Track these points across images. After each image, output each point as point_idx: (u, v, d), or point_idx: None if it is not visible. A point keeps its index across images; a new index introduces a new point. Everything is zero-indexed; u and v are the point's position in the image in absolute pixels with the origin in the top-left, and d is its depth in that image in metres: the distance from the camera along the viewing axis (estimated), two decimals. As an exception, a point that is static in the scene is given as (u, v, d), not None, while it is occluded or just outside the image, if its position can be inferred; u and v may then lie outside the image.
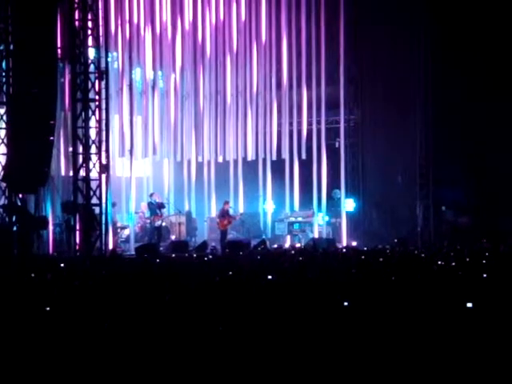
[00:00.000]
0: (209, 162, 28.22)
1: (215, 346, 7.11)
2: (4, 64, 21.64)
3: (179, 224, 26.26)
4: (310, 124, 27.92)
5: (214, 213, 27.62)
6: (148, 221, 25.38)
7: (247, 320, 8.20)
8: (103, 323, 7.93)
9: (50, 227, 21.95)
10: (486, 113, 25.45)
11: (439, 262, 15.69)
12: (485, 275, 12.52)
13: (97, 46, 22.08)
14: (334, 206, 27.53)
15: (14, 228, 21.22)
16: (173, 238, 25.75)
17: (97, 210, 21.90)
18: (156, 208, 25.12)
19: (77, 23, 21.96)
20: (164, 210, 25.54)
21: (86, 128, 21.90)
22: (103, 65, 22.12)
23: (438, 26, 25.77)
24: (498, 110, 25.43)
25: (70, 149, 22.30)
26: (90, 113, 21.91)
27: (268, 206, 28.06)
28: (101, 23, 22.23)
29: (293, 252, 20.57)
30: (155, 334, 7.51)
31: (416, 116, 26.75)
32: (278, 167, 28.01)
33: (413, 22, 26.19)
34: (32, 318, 8.51)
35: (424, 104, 26.67)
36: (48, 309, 8.90)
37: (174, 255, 20.90)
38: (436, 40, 25.91)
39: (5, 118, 21.74)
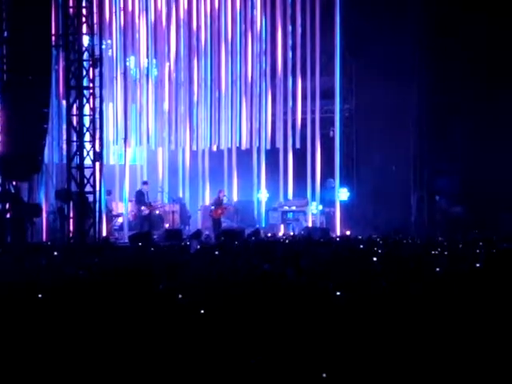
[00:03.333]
0: (203, 151, 28.19)
1: (208, 336, 7.11)
2: (-2, 51, 21.57)
3: (173, 212, 26.24)
4: (304, 113, 27.89)
5: (207, 201, 27.61)
6: (141, 209, 25.33)
7: (241, 310, 8.20)
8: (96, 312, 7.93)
9: (44, 215, 21.93)
10: (480, 103, 25.45)
11: (433, 252, 15.72)
12: (478, 265, 12.55)
13: (91, 34, 22.00)
14: (327, 195, 27.54)
15: (8, 215, 21.20)
16: (166, 226, 25.73)
17: (90, 197, 21.89)
18: (141, 197, 25.11)
19: (71, 10, 21.88)
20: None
21: (80, 116, 21.85)
22: (97, 52, 22.04)
23: (434, 17, 25.75)
24: (493, 101, 25.44)
25: (64, 136, 22.26)
26: (84, 100, 21.86)
27: (262, 195, 28.06)
28: (95, 10, 22.15)
29: (286, 241, 20.59)
30: (149, 325, 7.51)
31: (410, 106, 26.74)
32: (272, 156, 28.00)
33: (409, 12, 26.16)
34: (25, 305, 8.50)
35: (419, 93, 26.66)
36: (40, 296, 8.89)
37: (167, 243, 20.89)
38: (432, 29, 25.88)
39: (-1, 105, 21.68)
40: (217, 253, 15.72)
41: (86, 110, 21.95)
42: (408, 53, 26.38)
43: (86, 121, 21.94)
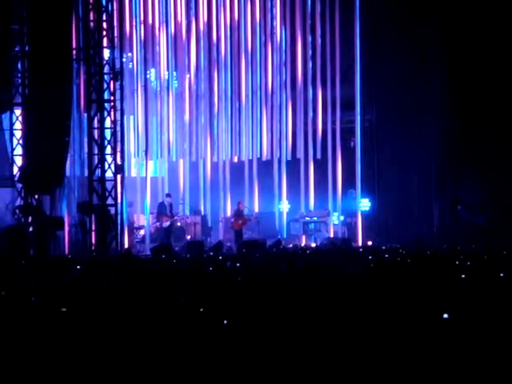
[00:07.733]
0: (224, 162, 28.23)
1: (228, 347, 7.09)
2: (19, 65, 21.72)
3: (194, 224, 26.28)
4: (324, 124, 27.88)
5: (229, 213, 27.63)
6: (162, 221, 25.34)
7: (261, 321, 8.17)
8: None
9: (66, 228, 22.01)
10: (501, 111, 25.32)
11: (456, 262, 15.60)
12: (502, 275, 12.44)
13: (111, 47, 22.10)
14: (349, 205, 27.49)
15: (30, 229, 21.29)
16: (188, 238, 25.77)
17: (112, 210, 21.95)
18: (163, 209, 25.10)
19: (91, 24, 22.00)
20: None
21: (101, 129, 21.95)
22: (118, 65, 22.15)
23: (455, 24, 25.66)
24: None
25: (86, 149, 22.36)
26: (105, 113, 21.94)
27: (283, 206, 28.05)
28: (115, 24, 22.27)
29: (307, 252, 20.55)
30: (172, 337, 7.49)
31: (432, 115, 26.66)
32: (293, 167, 27.99)
33: (429, 20, 26.10)
34: (48, 319, 8.51)
35: (440, 102, 26.57)
36: (64, 309, 8.89)
37: (188, 255, 20.90)
38: (453, 37, 25.79)
39: (21, 119, 21.81)
40: (238, 264, 15.70)
41: (107, 122, 22.03)
42: (430, 62, 26.30)
43: (107, 134, 22.02)
